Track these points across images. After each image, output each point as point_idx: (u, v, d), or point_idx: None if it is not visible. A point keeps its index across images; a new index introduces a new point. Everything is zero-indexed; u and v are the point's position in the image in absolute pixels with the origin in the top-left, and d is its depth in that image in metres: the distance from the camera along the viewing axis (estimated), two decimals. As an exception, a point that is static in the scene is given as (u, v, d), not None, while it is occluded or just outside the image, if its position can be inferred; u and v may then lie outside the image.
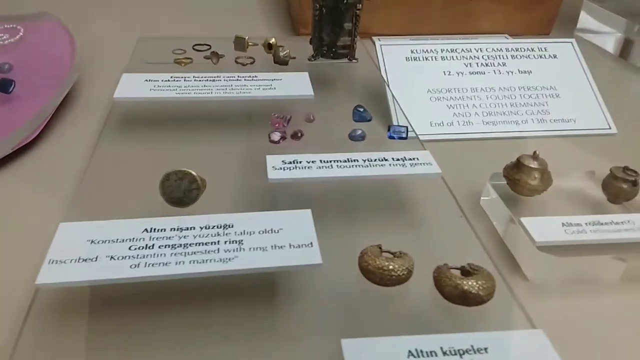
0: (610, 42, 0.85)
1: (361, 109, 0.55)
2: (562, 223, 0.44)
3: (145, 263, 0.36)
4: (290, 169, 0.46)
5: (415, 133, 0.54)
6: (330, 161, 0.47)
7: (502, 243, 0.47)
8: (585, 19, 0.89)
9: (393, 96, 0.61)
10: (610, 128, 0.63)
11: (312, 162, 0.47)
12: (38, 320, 0.35)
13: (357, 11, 0.65)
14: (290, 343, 0.35)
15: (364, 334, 0.32)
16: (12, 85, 0.59)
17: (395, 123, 0.58)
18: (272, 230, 0.39)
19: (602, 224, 0.44)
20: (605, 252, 0.44)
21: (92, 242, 0.38)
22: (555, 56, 0.68)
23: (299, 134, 0.53)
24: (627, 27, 0.82)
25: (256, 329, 0.36)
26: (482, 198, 0.51)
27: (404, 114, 0.58)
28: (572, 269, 0.43)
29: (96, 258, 0.36)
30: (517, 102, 0.63)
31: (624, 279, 0.44)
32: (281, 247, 0.38)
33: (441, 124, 0.61)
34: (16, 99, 0.59)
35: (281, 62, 0.67)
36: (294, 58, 0.67)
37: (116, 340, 0.35)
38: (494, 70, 0.66)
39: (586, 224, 0.44)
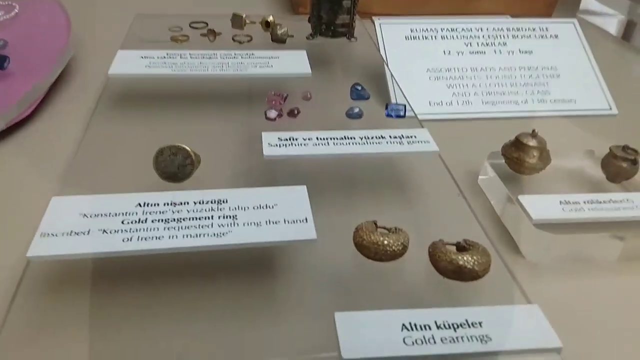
0: (612, 24, 0.84)
1: (359, 87, 0.55)
2: (560, 201, 0.43)
3: (138, 237, 0.36)
4: (286, 146, 0.46)
5: (413, 111, 0.54)
6: (327, 138, 0.47)
7: (499, 222, 0.46)
8: (587, 1, 0.88)
9: (392, 75, 0.60)
10: (610, 109, 0.62)
11: (309, 139, 0.46)
12: (29, 294, 0.34)
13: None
14: (285, 317, 0.34)
15: (358, 308, 0.32)
16: (7, 61, 0.58)
17: (393, 102, 0.57)
18: (266, 205, 0.39)
19: (600, 202, 0.44)
20: (602, 230, 0.43)
21: (84, 215, 0.37)
22: (556, 36, 0.67)
23: (296, 112, 0.52)
24: (630, 9, 0.81)
25: (251, 304, 0.35)
26: (480, 177, 0.50)
27: (402, 92, 0.57)
28: (570, 247, 0.43)
29: (88, 231, 0.36)
30: (518, 82, 0.63)
31: (622, 258, 0.43)
32: (276, 222, 0.37)
33: (440, 104, 0.60)
34: (10, 76, 0.58)
35: (279, 40, 0.66)
36: (292, 36, 0.67)
37: (109, 314, 0.35)
38: (495, 50, 0.65)
39: (584, 202, 0.44)
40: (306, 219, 0.38)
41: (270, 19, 0.67)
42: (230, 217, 0.38)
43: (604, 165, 0.48)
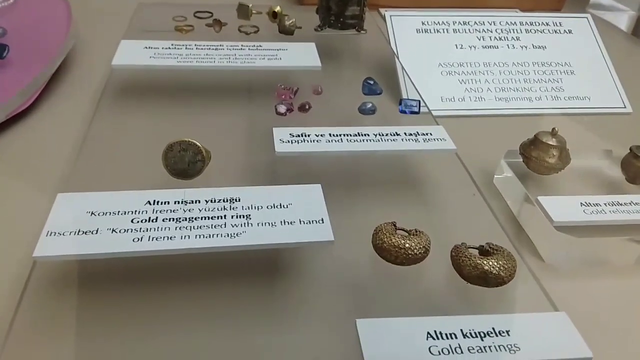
0: (623, 19, 0.82)
1: (371, 82, 0.53)
2: (581, 203, 0.42)
3: (149, 237, 0.34)
4: (298, 142, 0.44)
5: (428, 107, 0.52)
6: (340, 135, 0.45)
7: (515, 222, 0.45)
8: (598, -5, 0.86)
9: (403, 69, 0.59)
10: (625, 107, 0.61)
11: (321, 135, 0.45)
12: (35, 295, 0.33)
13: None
14: (302, 323, 0.33)
15: (378, 314, 0.31)
16: (6, 50, 0.56)
17: (405, 97, 0.56)
18: (280, 205, 0.37)
19: (621, 204, 0.43)
20: (623, 233, 0.42)
21: (92, 214, 0.36)
22: (570, 31, 0.65)
23: (307, 106, 0.50)
24: (642, 4, 0.80)
25: (267, 308, 0.34)
26: (495, 176, 0.49)
27: (415, 87, 0.56)
28: (589, 250, 0.42)
29: (97, 231, 0.34)
30: (531, 78, 0.61)
31: (641, 261, 0.42)
32: (291, 222, 0.36)
33: (452, 99, 0.59)
34: (10, 66, 0.56)
35: (286, 32, 0.64)
36: (300, 28, 0.65)
37: (116, 315, 0.33)
38: (508, 45, 0.63)
39: (605, 204, 0.42)
40: (322, 220, 0.36)
41: (278, 9, 0.65)
42: (243, 216, 0.36)
43: (624, 166, 0.47)
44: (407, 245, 0.33)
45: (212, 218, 0.36)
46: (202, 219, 0.36)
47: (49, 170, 0.47)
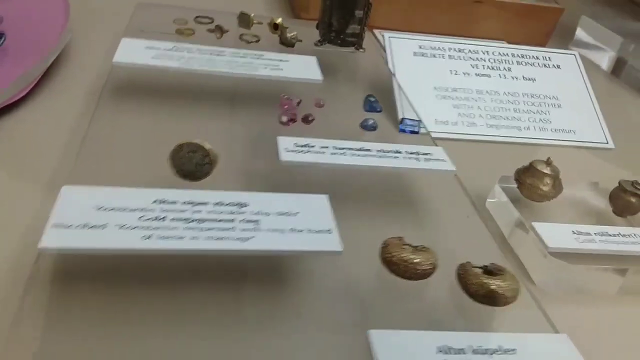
0: (604, 58, 0.86)
1: (372, 99, 0.54)
2: (573, 231, 0.44)
3: (158, 235, 0.34)
4: (303, 152, 0.45)
5: (426, 129, 0.53)
6: (344, 148, 0.46)
7: (506, 244, 0.46)
8: (581, 34, 0.90)
9: (400, 89, 0.60)
10: (607, 142, 0.64)
11: (326, 147, 0.46)
12: (38, 288, 0.32)
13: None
14: (311, 334, 0.33)
15: (384, 326, 0.31)
16: (3, 38, 0.55)
17: (401, 116, 0.57)
18: (288, 212, 0.37)
19: (610, 235, 0.44)
20: (607, 262, 0.44)
21: (98, 208, 0.35)
22: (558, 66, 0.68)
23: (310, 118, 0.51)
24: (622, 46, 0.84)
25: (275, 318, 0.34)
26: (488, 200, 0.50)
27: (413, 108, 0.57)
28: (579, 278, 0.43)
29: (105, 225, 0.34)
30: (521, 108, 0.63)
31: (627, 291, 0.44)
32: (299, 230, 0.36)
33: (446, 123, 0.60)
34: (4, 56, 0.55)
35: (287, 44, 0.65)
36: (301, 41, 0.65)
37: (120, 311, 0.33)
38: (500, 74, 0.65)
39: (595, 233, 0.44)
40: (330, 230, 0.37)
41: (279, 21, 0.66)
42: (252, 221, 0.36)
43: (612, 199, 0.49)
44: (416, 260, 0.34)
45: (220, 221, 0.36)
46: (211, 221, 0.36)
47: (40, 163, 0.46)
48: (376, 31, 0.81)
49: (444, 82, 0.64)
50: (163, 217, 0.35)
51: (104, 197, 0.36)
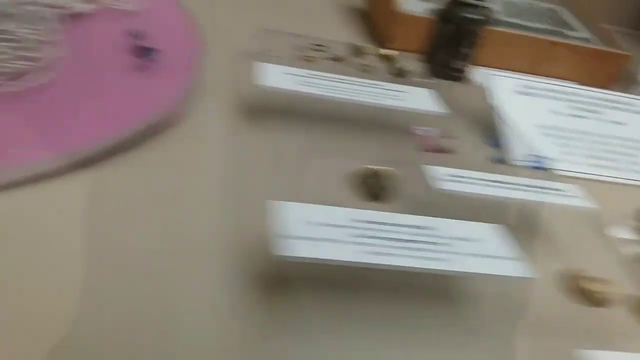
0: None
1: (494, 134, 0.58)
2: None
3: (368, 250, 0.38)
4: (454, 182, 0.48)
5: (553, 166, 0.58)
6: (494, 181, 0.50)
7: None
8: (643, 81, 0.95)
9: (509, 125, 0.64)
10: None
11: (477, 178, 0.49)
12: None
13: (477, 38, 0.68)
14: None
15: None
16: (153, 53, 0.58)
17: (523, 152, 0.61)
18: (474, 239, 0.41)
19: None
20: None
21: (309, 223, 0.39)
22: (644, 112, 0.73)
23: (446, 149, 0.55)
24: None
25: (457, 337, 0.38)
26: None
27: (530, 144, 0.61)
28: None
29: (321, 239, 0.37)
30: (615, 149, 0.68)
31: None
32: (489, 256, 0.40)
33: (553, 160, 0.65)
34: (155, 70, 0.57)
35: (398, 75, 0.69)
36: (411, 72, 0.70)
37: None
38: (594, 117, 0.70)
39: None
40: (516, 257, 0.40)
41: (390, 52, 0.70)
42: (445, 244, 0.40)
43: None
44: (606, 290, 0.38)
45: (419, 242, 0.39)
46: (412, 241, 0.39)
47: (204, 180, 0.49)
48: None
49: (543, 120, 0.68)
50: (368, 235, 0.39)
51: (311, 214, 0.40)
